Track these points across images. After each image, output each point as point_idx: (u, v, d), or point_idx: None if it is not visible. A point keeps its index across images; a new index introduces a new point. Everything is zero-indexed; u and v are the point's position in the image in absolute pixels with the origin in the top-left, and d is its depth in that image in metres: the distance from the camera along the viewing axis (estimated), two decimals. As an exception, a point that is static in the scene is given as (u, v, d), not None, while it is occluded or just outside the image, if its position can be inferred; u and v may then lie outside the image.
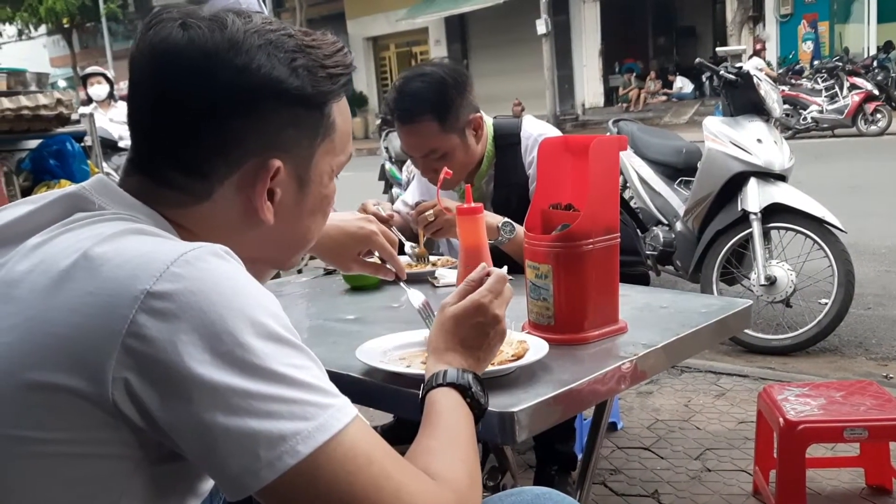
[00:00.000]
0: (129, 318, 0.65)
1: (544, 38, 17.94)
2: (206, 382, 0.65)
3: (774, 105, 3.50)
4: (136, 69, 0.80)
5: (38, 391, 0.65)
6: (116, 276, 0.67)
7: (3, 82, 2.85)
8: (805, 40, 16.94)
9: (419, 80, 1.90)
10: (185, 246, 0.70)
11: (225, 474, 0.67)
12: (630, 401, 2.80)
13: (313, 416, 0.68)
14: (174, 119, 0.78)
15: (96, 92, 6.93)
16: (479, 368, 0.99)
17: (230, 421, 0.65)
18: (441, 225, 1.81)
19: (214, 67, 0.76)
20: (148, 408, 0.66)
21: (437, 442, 0.84)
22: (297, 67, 0.80)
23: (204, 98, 0.77)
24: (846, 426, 1.81)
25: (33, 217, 0.76)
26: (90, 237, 0.71)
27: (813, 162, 8.41)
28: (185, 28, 0.77)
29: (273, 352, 0.68)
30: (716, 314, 1.45)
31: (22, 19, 24.23)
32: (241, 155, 0.79)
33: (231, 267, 0.71)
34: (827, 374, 3.04)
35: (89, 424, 0.66)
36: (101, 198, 0.77)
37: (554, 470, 2.05)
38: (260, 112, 0.79)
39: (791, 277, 3.35)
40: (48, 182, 2.83)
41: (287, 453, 0.66)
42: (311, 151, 0.84)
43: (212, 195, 0.80)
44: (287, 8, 25.01)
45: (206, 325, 0.66)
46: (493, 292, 1.01)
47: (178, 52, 0.77)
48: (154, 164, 0.80)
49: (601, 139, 1.31)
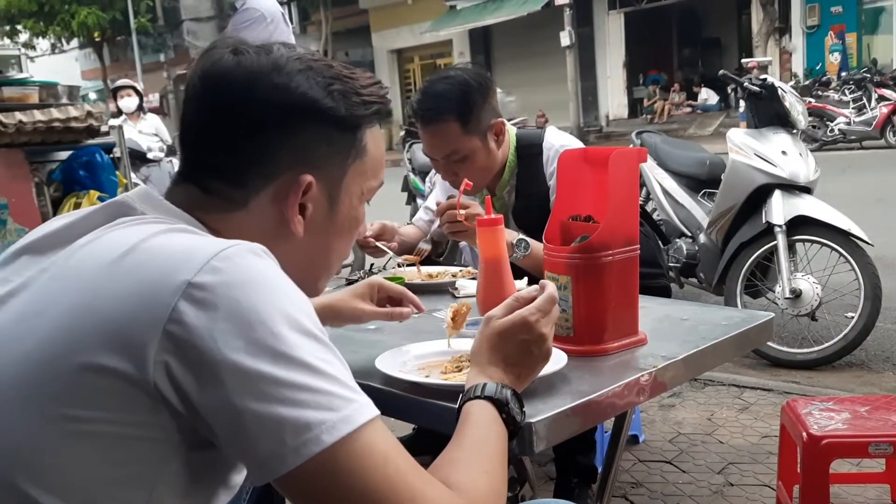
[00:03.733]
0: (171, 305, 0.69)
1: (568, 50, 17.93)
2: (238, 368, 0.69)
3: (799, 117, 3.47)
4: (189, 91, 0.88)
5: (90, 373, 0.69)
6: (161, 267, 0.72)
7: (36, 95, 2.91)
8: (832, 52, 16.73)
9: (443, 82, 1.92)
10: (225, 243, 0.75)
11: (253, 458, 0.70)
12: (652, 414, 2.78)
13: (339, 407, 0.71)
14: (219, 131, 0.85)
15: (126, 104, 7.05)
16: (520, 386, 0.99)
17: (260, 407, 0.69)
18: (464, 228, 1.81)
19: (256, 85, 0.84)
20: (186, 391, 0.69)
21: (462, 453, 0.85)
22: (333, 91, 0.86)
23: (245, 112, 0.84)
24: (871, 441, 1.78)
25: (80, 223, 0.82)
26: (136, 234, 0.76)
27: (840, 174, 8.31)
28: (234, 53, 0.86)
29: (304, 344, 0.72)
30: (737, 326, 1.44)
31: (54, 33, 24.71)
32: (276, 168, 0.85)
33: (266, 264, 0.76)
34: (853, 389, 3.00)
35: (133, 407, 0.70)
36: (144, 205, 0.83)
37: (574, 482, 2.04)
38: (295, 128, 0.85)
39: (816, 290, 3.31)
40: (77, 193, 2.88)
41: (312, 441, 0.69)
42: (342, 171, 0.90)
43: (248, 204, 0.86)
44: (313, 21, 25.27)
45: (242, 314, 0.70)
46: (542, 311, 1.01)
47: (227, 72, 0.85)
48: (199, 174, 0.87)
49: (621, 151, 1.32)
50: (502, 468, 0.86)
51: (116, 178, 3.02)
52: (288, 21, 3.75)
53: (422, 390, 1.15)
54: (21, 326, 0.73)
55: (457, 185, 2.00)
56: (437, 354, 1.30)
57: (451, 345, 1.32)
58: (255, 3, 3.55)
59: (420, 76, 24.05)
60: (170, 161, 6.71)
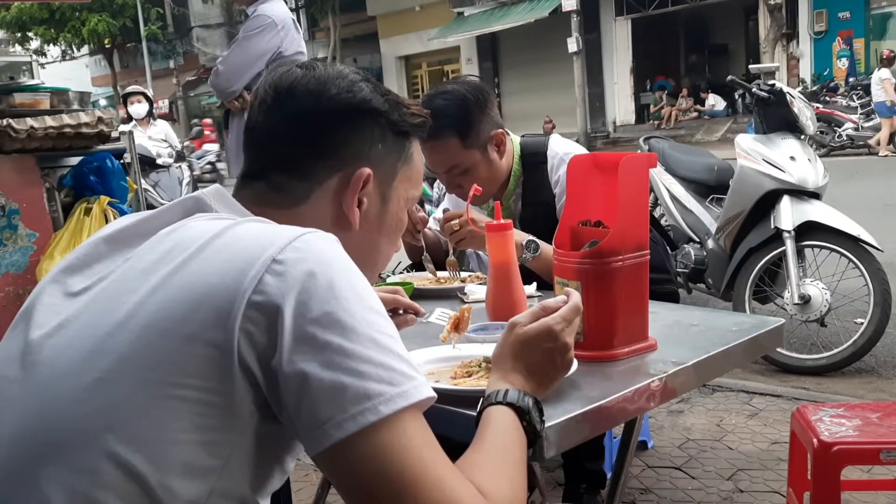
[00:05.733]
0: (257, 278, 0.76)
1: (575, 56, 17.96)
2: (310, 337, 0.74)
3: (808, 122, 3.46)
4: (259, 99, 0.98)
5: (187, 343, 0.75)
6: (249, 247, 0.79)
7: (47, 101, 2.92)
8: (840, 57, 16.69)
9: (441, 98, 1.94)
10: (305, 229, 0.83)
11: (312, 422, 0.74)
12: (661, 420, 2.78)
13: (398, 382, 0.76)
14: (289, 129, 0.95)
15: (136, 110, 7.10)
16: (539, 393, 1.00)
17: (326, 374, 0.74)
18: (464, 235, 1.83)
19: (325, 87, 0.96)
20: (264, 356, 0.75)
21: (484, 456, 0.85)
22: (388, 99, 0.99)
23: (314, 111, 0.95)
24: (883, 448, 1.77)
25: (160, 216, 0.90)
26: (220, 223, 0.84)
27: (848, 179, 8.28)
28: (301, 67, 0.98)
29: (372, 320, 0.78)
30: (747, 332, 1.43)
31: (65, 40, 24.89)
32: (339, 160, 0.96)
33: (340, 249, 0.83)
34: (862, 395, 2.99)
35: (220, 375, 0.75)
36: (217, 203, 0.91)
37: (583, 488, 2.04)
38: (357, 126, 0.97)
39: (825, 296, 3.30)
40: (88, 198, 2.88)
41: (370, 410, 0.73)
42: (393, 172, 1.01)
43: (309, 197, 0.95)
44: (321, 28, 25.38)
45: (317, 288, 0.76)
46: (567, 320, 1.03)
47: (298, 80, 0.96)
48: (267, 170, 0.96)
49: (631, 156, 1.32)
50: (522, 476, 0.87)
51: (127, 183, 3.03)
52: (298, 27, 3.76)
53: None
54: (112, 302, 0.80)
55: (462, 196, 2.02)
56: (446, 360, 1.30)
57: (455, 347, 1.32)
58: (266, 9, 3.56)
59: (428, 82, 24.11)
60: (178, 167, 6.76)
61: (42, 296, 0.86)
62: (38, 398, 0.78)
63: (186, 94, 28.87)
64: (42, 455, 0.75)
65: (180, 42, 28.32)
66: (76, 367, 0.77)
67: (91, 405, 0.75)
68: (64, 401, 0.76)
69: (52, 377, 0.78)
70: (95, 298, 0.82)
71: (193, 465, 0.75)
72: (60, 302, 0.84)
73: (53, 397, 0.77)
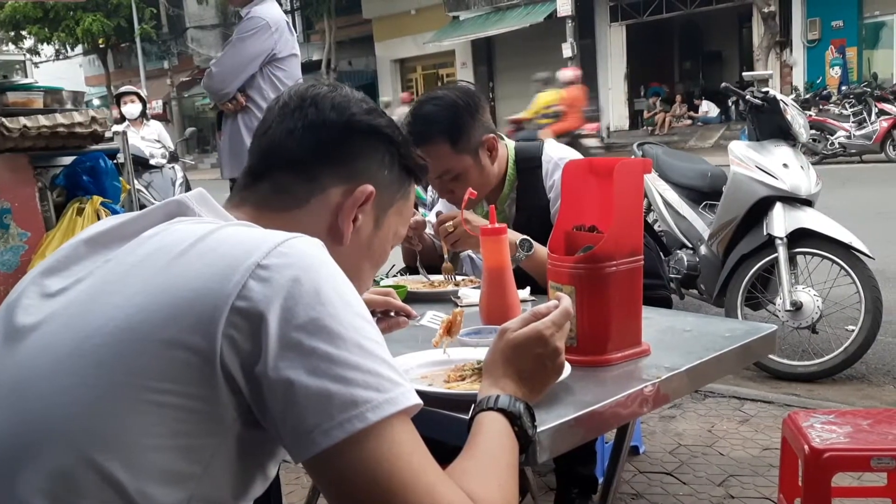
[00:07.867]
0: (241, 283, 0.75)
1: (570, 62, 17.99)
2: (295, 344, 0.73)
3: (801, 130, 3.47)
4: (279, 104, 0.99)
5: (166, 348, 0.73)
6: (232, 252, 0.78)
7: (41, 100, 2.91)
8: (833, 66, 16.79)
9: (431, 104, 1.94)
10: (291, 234, 0.82)
11: (298, 430, 0.73)
12: (652, 425, 2.78)
13: (385, 389, 0.75)
14: (305, 133, 0.96)
15: (129, 110, 7.07)
16: (531, 399, 1.00)
17: (312, 381, 0.73)
18: (459, 236, 1.84)
19: (349, 104, 0.99)
20: (247, 363, 0.74)
21: (474, 463, 0.85)
22: (402, 135, 1.03)
23: (335, 121, 0.97)
24: (874, 455, 1.78)
25: (142, 219, 0.89)
26: (204, 227, 0.83)
27: (840, 187, 8.32)
28: (327, 86, 1.01)
29: (359, 325, 0.77)
30: (740, 339, 1.44)
31: (59, 39, 24.82)
32: (347, 172, 0.97)
33: (325, 254, 0.82)
34: (854, 402, 3.00)
35: (201, 381, 0.74)
36: (201, 207, 0.90)
37: (574, 493, 2.04)
38: (372, 145, 0.99)
39: (817, 303, 3.31)
40: (81, 198, 2.88)
41: (357, 417, 0.72)
42: (391, 201, 1.02)
43: (309, 201, 0.95)
44: (317, 30, 25.37)
45: (303, 294, 0.75)
46: (557, 325, 1.02)
47: (324, 93, 0.99)
48: (270, 170, 0.96)
49: (626, 162, 1.32)
50: (514, 482, 0.86)
51: (120, 183, 3.03)
52: (292, 30, 3.76)
53: (424, 398, 1.14)
54: (91, 304, 0.78)
55: (454, 201, 2.02)
56: (439, 364, 1.30)
57: (447, 352, 1.32)
58: (260, 11, 3.55)
59: (423, 86, 24.11)
60: (171, 167, 6.72)
61: (21, 297, 0.85)
62: (14, 400, 0.77)
63: (180, 94, 28.80)
64: (18, 458, 0.74)
65: (175, 43, 28.25)
66: (53, 370, 0.76)
67: (67, 409, 0.74)
68: (40, 403, 0.75)
69: (30, 379, 0.77)
70: (73, 300, 0.81)
71: (172, 472, 0.74)
72: (37, 303, 0.83)
73: (30, 399, 0.76)
